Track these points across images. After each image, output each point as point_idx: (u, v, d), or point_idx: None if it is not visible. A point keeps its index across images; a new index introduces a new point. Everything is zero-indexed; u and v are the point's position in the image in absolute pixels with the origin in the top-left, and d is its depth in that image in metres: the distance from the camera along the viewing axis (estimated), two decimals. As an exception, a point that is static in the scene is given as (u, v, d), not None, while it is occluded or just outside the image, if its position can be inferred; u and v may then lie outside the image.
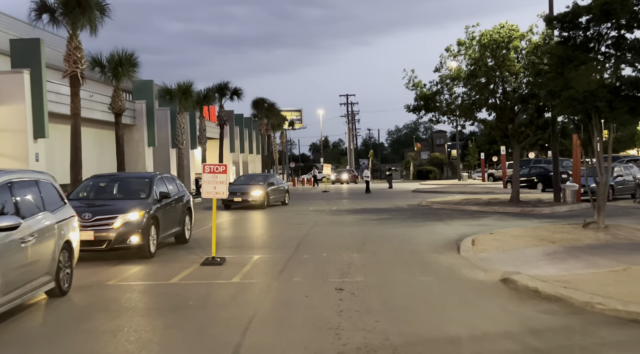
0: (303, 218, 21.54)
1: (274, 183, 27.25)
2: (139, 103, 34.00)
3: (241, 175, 30.08)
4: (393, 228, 17.51)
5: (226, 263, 11.60)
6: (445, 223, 18.39)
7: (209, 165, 11.83)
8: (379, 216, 21.27)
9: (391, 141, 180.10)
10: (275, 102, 57.77)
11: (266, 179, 26.92)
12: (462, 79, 23.10)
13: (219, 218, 20.50)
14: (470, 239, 13.65)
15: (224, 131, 53.14)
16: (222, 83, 40.07)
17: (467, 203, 24.68)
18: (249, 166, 60.44)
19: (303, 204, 29.62)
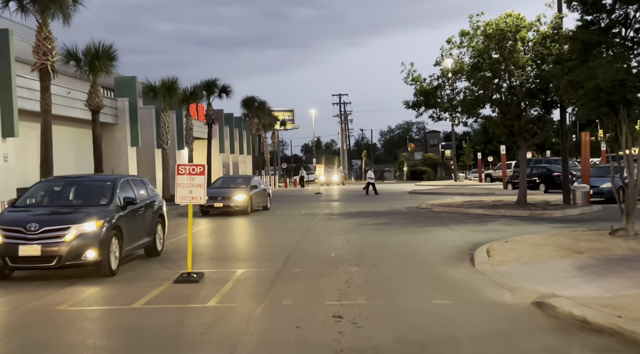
0: (294, 223, 19.84)
1: (256, 185, 24.69)
2: (121, 101, 32.18)
3: (219, 177, 27.06)
4: (394, 234, 15.84)
5: (204, 279, 9.90)
6: (451, 229, 16.75)
7: (183, 165, 10.12)
8: (377, 221, 19.61)
9: (384, 141, 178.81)
10: (266, 101, 56.00)
11: (248, 181, 24.24)
12: (464, 73, 21.47)
13: (198, 226, 18.68)
14: (485, 249, 12.01)
15: (212, 131, 51.43)
16: (209, 80, 38.31)
17: (470, 206, 23.06)
18: (239, 167, 58.65)
19: (294, 207, 27.92)
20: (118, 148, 32.18)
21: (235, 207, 22.38)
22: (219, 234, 17.03)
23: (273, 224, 19.74)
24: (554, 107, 21.97)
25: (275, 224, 19.72)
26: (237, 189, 23.08)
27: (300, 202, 32.00)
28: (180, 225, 18.76)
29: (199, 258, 12.39)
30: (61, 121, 27.90)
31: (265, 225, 19.36)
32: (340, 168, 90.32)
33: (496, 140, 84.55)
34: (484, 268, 10.32)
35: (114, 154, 32.22)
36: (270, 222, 20.33)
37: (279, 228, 18.30)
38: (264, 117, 56.58)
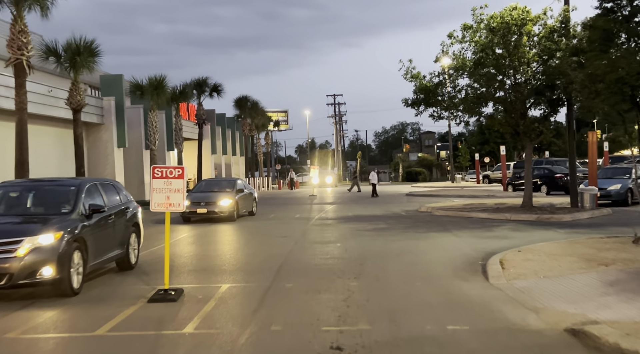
0: (286, 229, 18.63)
1: (242, 189, 22.39)
2: (107, 100, 30.88)
3: (202, 180, 25.05)
4: (394, 241, 14.66)
5: (183, 297, 8.70)
6: (455, 235, 15.59)
7: (160, 168, 8.91)
8: (375, 226, 18.43)
9: (378, 142, 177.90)
10: (259, 100, 54.72)
11: (234, 185, 21.98)
12: (466, 69, 20.32)
13: (179, 234, 17.24)
14: (498, 259, 10.84)
15: (204, 131, 50.15)
16: (200, 78, 37.03)
17: (473, 209, 21.91)
18: (232, 168, 57.35)
19: (287, 211, 26.72)
20: (104, 149, 30.89)
21: (220, 213, 20.41)
22: (203, 242, 15.72)
23: (263, 230, 18.50)
24: (560, 104, 20.87)
25: (266, 230, 18.49)
26: (222, 193, 21.08)
27: (294, 205, 30.80)
28: (161, 232, 17.55)
29: (180, 270, 11.18)
30: (43, 121, 26.64)
31: (254, 232, 18.06)
32: (335, 169, 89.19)
33: (493, 141, 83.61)
34: (499, 283, 9.16)
35: (100, 156, 30.95)
36: (261, 228, 19.07)
37: (270, 235, 17.07)
38: (257, 117, 55.32)
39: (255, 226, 19.59)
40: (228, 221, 20.61)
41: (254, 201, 23.61)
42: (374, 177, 37.28)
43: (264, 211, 26.49)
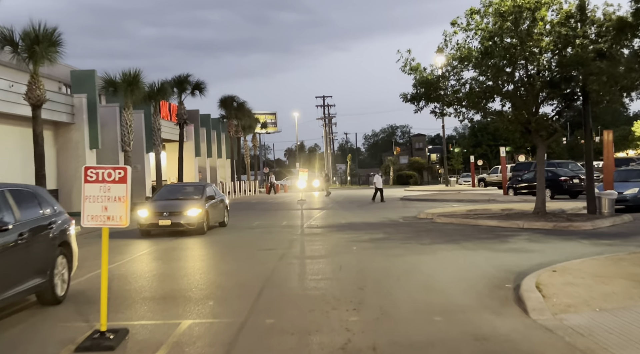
0: (271, 239, 16.37)
1: (212, 196, 18.99)
2: (78, 97, 28.46)
3: (164, 186, 21.13)
4: (397, 256, 12.45)
5: (126, 342, 6.45)
6: (465, 248, 13.42)
7: (94, 169, 6.68)
8: (372, 236, 16.22)
9: (368, 145, 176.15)
10: (246, 101, 52.43)
11: (203, 191, 18.73)
12: (472, 60, 18.19)
13: (137, 250, 14.46)
14: (531, 283, 8.65)
15: (186, 132, 47.80)
16: (181, 75, 34.71)
17: (478, 216, 19.77)
18: (217, 171, 54.99)
19: (274, 217, 24.46)
20: (74, 151, 28.49)
21: (188, 225, 17.16)
22: (167, 260, 13.07)
23: (243, 242, 16.17)
24: (575, 99, 18.82)
25: (247, 242, 16.17)
26: (189, 201, 17.87)
27: (281, 211, 28.54)
28: (118, 248, 15.31)
29: (132, 297, 8.91)
30: (4, 119, 24.22)
31: (231, 245, 15.60)
32: (325, 172, 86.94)
33: (485, 143, 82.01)
34: (544, 319, 6.97)
35: (70, 158, 28.56)
36: (239, 240, 16.69)
37: (251, 248, 14.74)
38: (244, 118, 53.02)
39: (231, 238, 16.89)
40: (197, 234, 17.38)
41: (225, 209, 20.31)
42: (379, 181, 34.06)
43: (248, 218, 24.23)
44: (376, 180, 34.27)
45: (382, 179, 34.61)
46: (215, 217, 19.11)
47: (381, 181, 34.32)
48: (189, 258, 13.44)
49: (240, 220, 23.00)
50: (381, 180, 34.51)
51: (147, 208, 17.64)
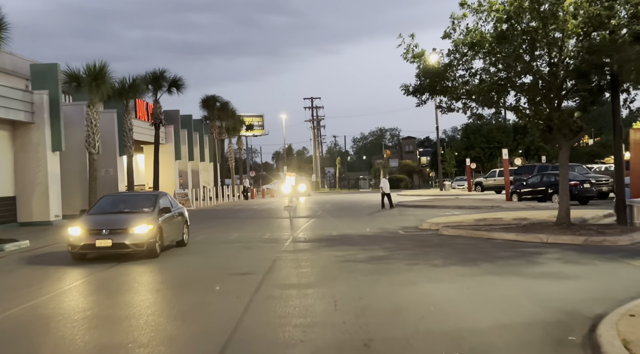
0: (248, 259, 13.61)
1: (168, 208, 15.25)
2: (38, 94, 25.49)
3: (104, 196, 16.25)
4: (407, 284, 9.76)
5: None
6: (489, 271, 10.78)
7: None
8: (370, 254, 13.51)
9: (357, 148, 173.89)
10: (229, 101, 49.55)
11: (155, 202, 14.73)
12: (485, 46, 15.59)
13: (63, 283, 10.88)
14: (614, 339, 5.98)
15: (166, 134, 44.94)
16: (156, 71, 31.80)
17: (491, 228, 17.15)
18: (200, 175, 52.06)
19: (256, 227, 21.68)
20: (34, 153, 25.56)
21: (134, 246, 13.31)
22: (103, 295, 9.89)
23: (213, 263, 13.25)
24: (604, 91, 16.28)
25: (218, 263, 13.28)
26: (137, 215, 13.99)
27: (265, 219, 25.78)
28: (36, 280, 12.49)
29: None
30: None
31: (195, 270, 12.38)
32: (314, 176, 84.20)
33: (478, 146, 79.60)
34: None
35: (30, 161, 25.62)
36: (207, 261, 13.72)
37: (222, 271, 11.89)
38: (227, 119, 50.17)
39: (195, 261, 13.45)
40: (147, 258, 13.55)
41: (184, 225, 16.23)
42: (386, 185, 30.50)
43: (226, 229, 21.44)
44: (383, 184, 30.61)
45: (388, 183, 31.05)
46: (172, 235, 15.14)
47: (388, 185, 30.89)
48: (133, 293, 10.13)
49: (216, 232, 20.23)
50: (388, 184, 31.03)
51: (81, 224, 13.60)
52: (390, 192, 30.94)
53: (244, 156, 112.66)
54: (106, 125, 32.35)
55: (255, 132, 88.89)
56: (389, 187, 30.94)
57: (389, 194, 30.26)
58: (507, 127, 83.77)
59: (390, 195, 30.43)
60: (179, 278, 11.45)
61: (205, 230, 21.35)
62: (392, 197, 31.50)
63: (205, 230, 21.35)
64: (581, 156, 76.39)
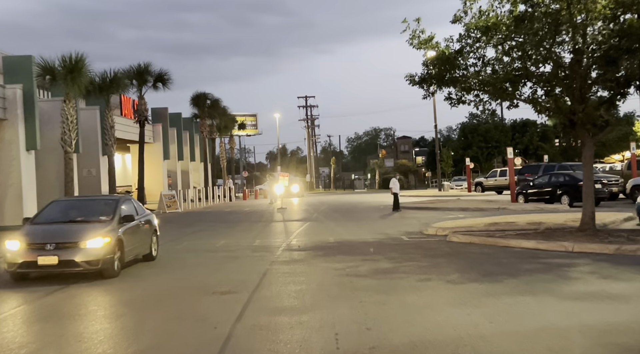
0: (233, 273, 11.81)
1: (131, 215, 12.42)
2: (11, 88, 23.59)
3: (53, 201, 13.41)
4: (423, 308, 8.02)
5: None
6: (517, 290, 9.04)
7: None
8: (374, 266, 11.77)
9: (351, 148, 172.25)
10: (220, 98, 47.75)
11: (115, 208, 12.14)
12: (502, 29, 13.87)
13: None
14: None
15: (154, 133, 43.19)
16: (141, 65, 29.96)
17: (505, 234, 15.41)
18: (190, 176, 50.25)
19: (245, 232, 19.90)
20: (7, 152, 23.68)
21: (86, 264, 10.82)
22: (45, 327, 7.78)
23: (189, 280, 11.31)
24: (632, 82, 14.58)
25: (196, 278, 11.37)
26: (91, 226, 11.47)
27: (256, 223, 23.99)
28: None
29: None
30: None
31: (165, 291, 10.29)
32: (308, 176, 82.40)
33: (476, 145, 78.03)
34: None
35: (2, 160, 23.75)
36: (182, 277, 11.68)
37: (200, 289, 10.02)
38: (218, 117, 48.37)
39: (164, 280, 11.12)
40: (104, 277, 11.11)
41: (153, 235, 13.68)
42: (396, 185, 27.96)
43: (213, 234, 19.66)
44: (393, 184, 28.00)
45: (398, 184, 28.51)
46: (137, 248, 12.57)
47: (399, 186, 28.38)
48: (83, 323, 7.96)
49: (201, 239, 18.45)
50: (398, 184, 28.50)
51: (21, 237, 11.16)
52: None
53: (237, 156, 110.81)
54: (88, 122, 30.57)
55: (248, 132, 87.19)
56: (399, 187, 28.58)
57: (396, 194, 27.95)
58: (505, 125, 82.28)
59: (397, 196, 28.14)
60: (143, 301, 9.43)
61: (190, 235, 19.59)
62: (391, 198, 29.69)
63: (190, 235, 19.59)
64: (580, 155, 74.92)
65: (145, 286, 10.71)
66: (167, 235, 19.84)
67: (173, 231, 21.15)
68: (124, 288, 10.53)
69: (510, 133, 77.94)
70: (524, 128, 79.13)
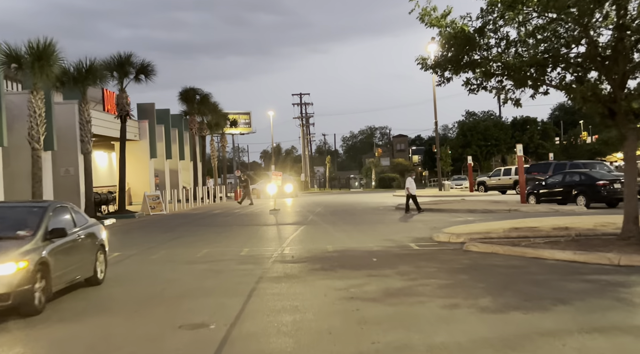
0: (210, 294, 9.61)
1: (63, 229, 9.03)
2: (-27, 79, 21.45)
3: None
4: (454, 350, 5.90)
5: None
6: (576, 323, 6.93)
7: None
8: (383, 286, 9.62)
9: (346, 147, 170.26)
10: (210, 93, 45.43)
11: (40, 219, 8.96)
12: (533, 2, 11.76)
13: None
14: None
15: (140, 130, 40.96)
16: (122, 55, 27.67)
17: (533, 243, 13.30)
18: (179, 175, 47.98)
19: (232, 239, 17.71)
20: (-31, 149, 21.46)
21: None
22: None
23: (151, 309, 9.12)
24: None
25: (158, 305, 9.21)
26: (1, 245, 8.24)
27: (246, 227, 21.81)
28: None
29: None
30: None
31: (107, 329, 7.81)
32: (302, 175, 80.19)
33: (475, 144, 76.11)
34: None
35: (-36, 158, 21.51)
36: (141, 305, 9.11)
37: (164, 320, 7.80)
38: (209, 114, 46.12)
39: (108, 319, 8.02)
40: (20, 316, 8.06)
41: (98, 252, 10.59)
42: (412, 185, 25.35)
43: (195, 241, 17.45)
44: (409, 184, 25.33)
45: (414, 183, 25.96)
46: (73, 271, 9.56)
47: (415, 186, 25.79)
48: None
49: (182, 246, 16.26)
50: (414, 184, 25.94)
51: None
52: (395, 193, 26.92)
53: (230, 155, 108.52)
54: (65, 117, 28.37)
55: (242, 130, 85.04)
56: (415, 187, 26.01)
57: (414, 196, 25.36)
58: (504, 123, 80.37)
59: (416, 197, 25.55)
60: (88, 343, 7.11)
61: (170, 242, 17.41)
62: (390, 199, 27.59)
63: (170, 242, 17.41)
64: (582, 154, 73.13)
65: (75, 330, 7.54)
66: (144, 242, 17.67)
67: (152, 237, 18.99)
68: (42, 335, 7.34)
69: (510, 131, 76.08)
70: (524, 126, 77.29)
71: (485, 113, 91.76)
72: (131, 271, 12.24)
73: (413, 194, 25.48)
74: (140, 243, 17.35)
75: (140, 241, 18.24)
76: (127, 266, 12.88)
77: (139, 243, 17.36)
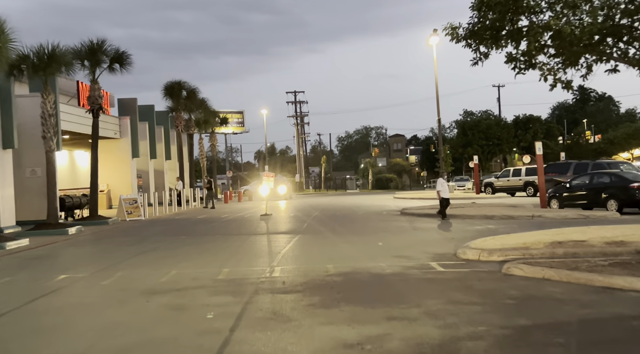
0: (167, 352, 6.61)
1: None
2: None
3: None
4: None
5: None
6: None
7: None
8: (410, 334, 6.63)
9: (342, 147, 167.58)
10: (197, 87, 42.36)
11: None
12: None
13: None
14: None
15: (121, 127, 37.87)
16: (94, 43, 24.55)
17: (596, 265, 10.35)
18: (165, 176, 44.87)
19: (214, 251, 14.64)
20: None
21: None
22: None
23: None
24: None
25: None
26: None
27: (229, 237, 18.76)
28: None
29: None
30: None
31: None
32: (297, 175, 77.20)
33: (476, 143, 73.26)
34: None
35: None
36: None
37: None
38: (197, 110, 43.06)
39: None
40: None
41: None
42: (445, 188, 22.24)
43: (163, 259, 14.35)
44: (441, 187, 22.22)
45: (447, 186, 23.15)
46: None
47: (447, 188, 22.87)
48: None
49: (147, 265, 13.18)
50: (447, 185, 23.17)
51: None
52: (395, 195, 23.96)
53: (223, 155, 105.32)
54: (30, 112, 25.29)
55: (235, 129, 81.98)
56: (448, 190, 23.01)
57: (447, 199, 22.15)
58: (507, 122, 77.61)
59: (448, 200, 22.41)
60: None
61: (135, 258, 14.35)
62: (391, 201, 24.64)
63: (135, 258, 14.35)
64: (587, 153, 70.52)
65: None
66: (104, 259, 14.63)
67: (116, 251, 15.94)
68: None
69: (513, 130, 73.33)
70: (527, 124, 74.53)
71: (483, 112, 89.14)
72: (63, 305, 9.20)
73: (446, 197, 22.15)
74: (98, 260, 14.33)
75: (100, 256, 15.23)
76: (63, 299, 9.84)
77: (97, 260, 14.34)
